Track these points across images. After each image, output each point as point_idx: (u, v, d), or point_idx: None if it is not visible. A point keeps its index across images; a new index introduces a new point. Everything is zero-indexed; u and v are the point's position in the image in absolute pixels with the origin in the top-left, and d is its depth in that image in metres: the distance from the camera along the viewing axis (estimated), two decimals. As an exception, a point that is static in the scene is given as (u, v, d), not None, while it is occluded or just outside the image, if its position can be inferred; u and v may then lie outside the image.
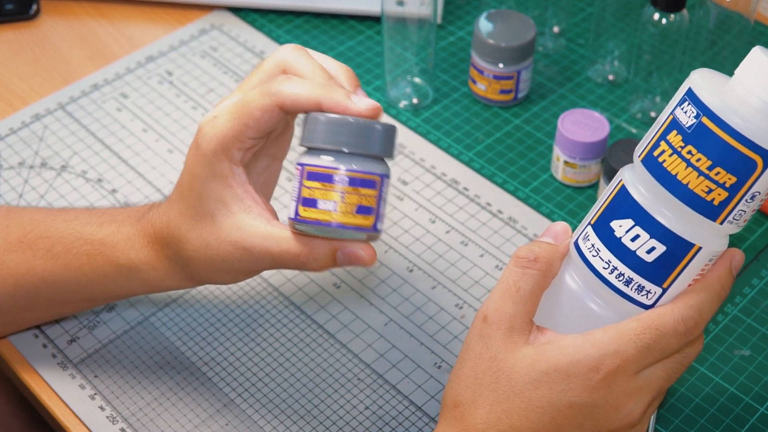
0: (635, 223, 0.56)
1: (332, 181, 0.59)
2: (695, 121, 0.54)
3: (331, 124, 0.59)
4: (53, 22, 1.05)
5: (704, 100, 0.54)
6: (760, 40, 1.03)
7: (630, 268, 0.57)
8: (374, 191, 0.60)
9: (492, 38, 0.92)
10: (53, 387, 0.74)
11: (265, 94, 0.62)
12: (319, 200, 0.59)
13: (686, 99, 0.55)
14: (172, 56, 1.01)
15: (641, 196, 0.56)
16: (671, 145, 0.55)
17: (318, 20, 1.05)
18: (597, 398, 0.56)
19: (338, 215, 0.59)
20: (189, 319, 0.78)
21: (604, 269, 0.58)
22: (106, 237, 0.69)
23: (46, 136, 0.93)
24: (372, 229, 0.61)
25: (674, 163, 0.55)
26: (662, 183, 0.55)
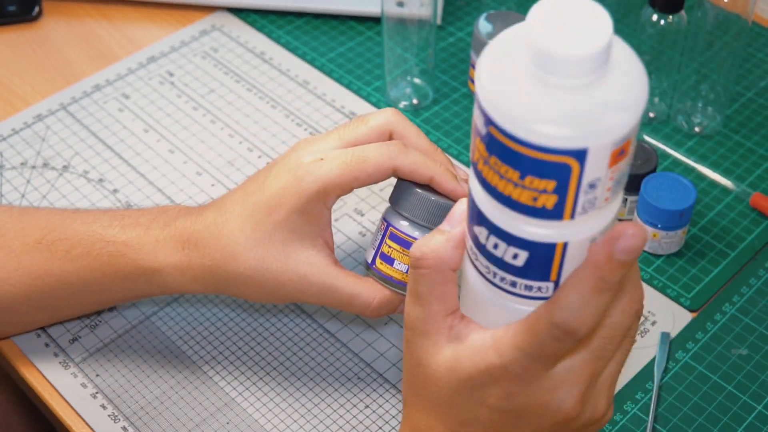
0: (489, 232, 0.49)
1: (410, 248, 0.64)
2: (486, 129, 0.45)
3: (422, 200, 0.67)
4: (55, 23, 1.05)
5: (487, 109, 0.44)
6: (758, 41, 1.03)
7: (508, 273, 0.50)
8: None
9: (491, 39, 0.92)
10: (55, 386, 0.74)
11: (383, 155, 0.66)
12: (396, 260, 0.68)
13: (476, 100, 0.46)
14: (173, 57, 1.01)
15: (483, 204, 0.49)
16: (481, 154, 0.46)
17: (318, 21, 1.06)
18: (517, 403, 0.53)
19: (407, 277, 0.66)
20: (190, 318, 0.79)
21: (487, 273, 0.51)
22: (131, 239, 0.70)
23: (47, 136, 0.93)
24: None
25: (490, 174, 0.47)
26: (492, 195, 0.47)
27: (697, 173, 0.90)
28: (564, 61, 0.43)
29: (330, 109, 0.96)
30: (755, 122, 0.95)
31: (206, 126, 0.94)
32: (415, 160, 0.66)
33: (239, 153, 0.92)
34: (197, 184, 0.89)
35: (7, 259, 0.71)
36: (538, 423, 0.54)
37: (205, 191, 0.88)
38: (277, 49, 1.02)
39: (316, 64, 1.01)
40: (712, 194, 0.89)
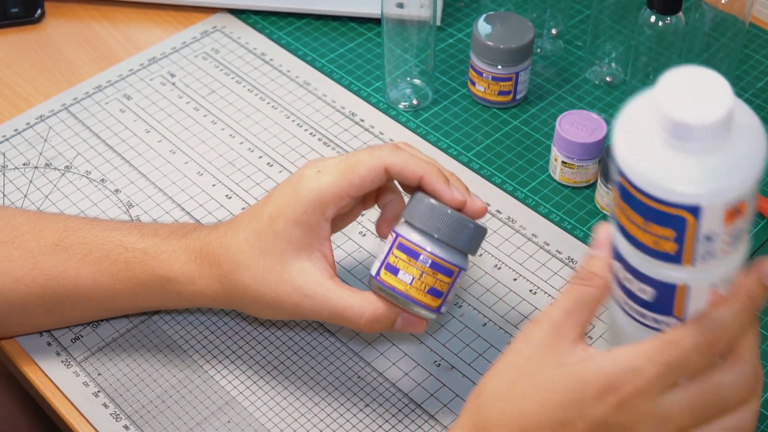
0: (622, 266, 0.55)
1: (417, 258, 0.66)
2: (617, 179, 0.52)
3: (431, 209, 0.66)
4: (57, 24, 1.06)
5: (618, 161, 0.51)
6: (755, 42, 1.04)
7: (637, 305, 0.56)
8: (449, 279, 0.67)
9: (491, 40, 0.92)
10: (57, 384, 0.75)
11: (374, 156, 0.67)
12: (400, 270, 0.66)
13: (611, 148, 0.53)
14: (174, 58, 1.02)
15: (618, 242, 0.54)
16: (617, 201, 0.53)
17: (318, 22, 1.06)
18: (610, 416, 0.53)
19: (412, 289, 0.66)
20: (191, 317, 0.79)
21: (624, 304, 0.57)
22: (149, 247, 0.71)
23: (50, 137, 0.93)
24: (436, 311, 0.67)
25: (621, 217, 0.53)
26: (623, 235, 0.53)
27: (695, 173, 0.91)
28: (686, 129, 0.49)
29: (330, 110, 0.96)
30: (753, 123, 0.95)
31: (207, 126, 0.95)
32: (405, 159, 0.67)
33: (240, 153, 0.92)
34: (198, 185, 0.89)
35: (24, 260, 0.72)
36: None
37: (205, 191, 0.89)
38: (278, 50, 1.03)
39: (316, 65, 1.01)
40: (709, 194, 0.89)
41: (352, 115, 0.96)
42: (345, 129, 0.94)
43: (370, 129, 0.94)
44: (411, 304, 0.67)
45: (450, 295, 0.68)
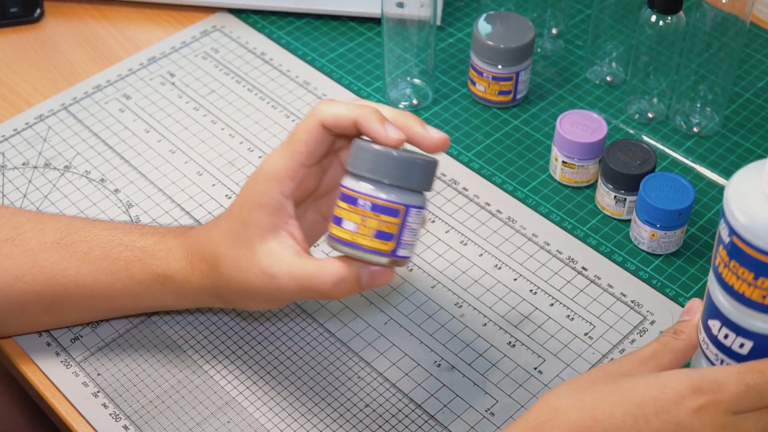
0: (722, 324, 0.60)
1: (356, 204, 0.63)
2: (729, 239, 0.57)
3: (365, 152, 0.63)
4: (57, 24, 1.05)
5: (731, 221, 0.57)
6: (756, 42, 1.04)
7: (732, 359, 0.61)
8: (396, 219, 0.63)
9: (491, 40, 0.92)
10: (57, 385, 0.75)
11: (308, 116, 0.66)
12: (344, 220, 0.64)
13: (722, 215, 0.59)
14: (173, 58, 1.02)
15: (719, 301, 0.60)
16: (722, 259, 0.59)
17: (318, 22, 1.06)
18: (684, 419, 0.56)
19: (358, 236, 0.63)
20: (191, 317, 0.79)
21: (715, 359, 0.62)
22: (147, 245, 0.71)
23: (49, 136, 0.93)
24: (391, 255, 0.64)
25: (728, 275, 0.58)
26: (728, 293, 0.59)
27: (696, 173, 0.91)
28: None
29: (330, 110, 0.96)
30: (753, 122, 0.95)
31: (207, 126, 0.95)
32: (337, 108, 0.65)
33: (240, 153, 0.92)
34: (198, 184, 0.89)
35: (24, 257, 0.72)
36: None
37: (205, 191, 0.89)
38: (278, 49, 1.03)
39: (316, 64, 1.01)
40: (710, 194, 0.89)
41: (352, 114, 0.96)
42: (345, 129, 0.94)
43: (370, 129, 0.94)
44: (361, 252, 0.64)
45: (406, 236, 0.64)
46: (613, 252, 0.84)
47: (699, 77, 0.91)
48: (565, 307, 0.80)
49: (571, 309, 0.80)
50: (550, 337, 0.78)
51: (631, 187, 0.84)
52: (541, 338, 0.78)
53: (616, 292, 0.81)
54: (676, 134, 0.94)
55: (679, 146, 0.93)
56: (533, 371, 0.76)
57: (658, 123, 0.95)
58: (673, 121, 0.95)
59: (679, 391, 0.56)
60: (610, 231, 0.86)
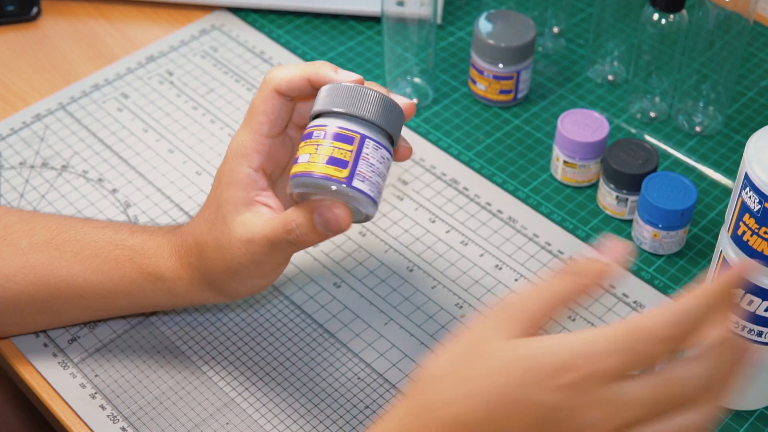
0: (745, 291, 0.63)
1: (311, 136, 0.63)
2: (760, 206, 0.59)
3: (325, 90, 0.63)
4: (54, 22, 1.05)
5: (762, 189, 0.58)
6: (759, 41, 1.03)
7: (757, 324, 0.65)
8: (350, 146, 0.62)
9: (492, 38, 0.92)
10: (54, 386, 0.74)
11: (261, 86, 0.66)
12: (300, 156, 0.63)
13: (747, 185, 0.60)
14: (172, 56, 1.01)
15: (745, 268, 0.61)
16: (749, 227, 0.61)
17: (318, 21, 1.06)
18: (558, 400, 0.50)
19: (310, 165, 0.62)
20: (189, 318, 0.78)
21: (735, 327, 0.65)
22: (137, 244, 0.71)
23: (46, 136, 0.93)
24: (345, 182, 0.61)
25: (757, 242, 0.60)
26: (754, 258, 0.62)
27: (698, 173, 0.90)
28: None
29: (330, 109, 0.96)
30: (756, 122, 0.95)
31: (206, 125, 0.94)
32: (288, 71, 0.66)
33: (239, 153, 0.92)
34: (196, 184, 0.89)
35: (14, 257, 0.71)
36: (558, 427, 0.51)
37: (204, 191, 0.88)
38: (277, 48, 1.02)
39: (315, 63, 1.01)
40: (713, 194, 0.88)
41: (351, 114, 0.95)
42: (345, 128, 0.94)
43: (370, 128, 0.94)
44: (313, 179, 0.61)
45: (362, 167, 0.62)
46: (615, 252, 0.84)
47: (701, 76, 0.91)
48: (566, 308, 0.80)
49: (572, 309, 0.80)
50: (551, 338, 0.78)
51: (632, 187, 0.83)
52: (543, 339, 0.78)
53: (618, 293, 0.81)
54: (679, 133, 0.94)
55: (681, 146, 0.93)
56: (535, 372, 0.75)
57: (660, 122, 0.95)
58: (675, 121, 0.94)
59: (553, 367, 0.50)
60: (612, 231, 0.85)
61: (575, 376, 0.50)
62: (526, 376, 0.51)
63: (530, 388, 0.51)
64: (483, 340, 0.53)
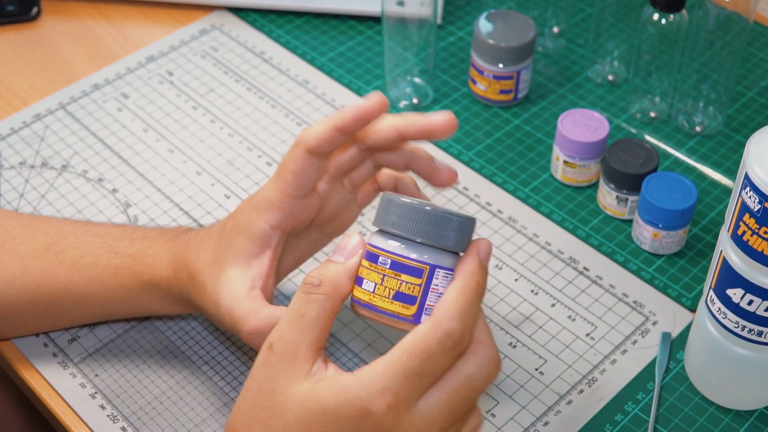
0: (745, 291, 0.64)
1: (377, 261, 0.57)
2: (760, 206, 0.59)
3: (390, 204, 0.57)
4: (54, 22, 1.05)
5: (762, 189, 0.59)
6: (759, 40, 1.03)
7: (757, 324, 0.65)
8: (418, 280, 0.56)
9: (492, 38, 0.92)
10: (54, 386, 0.74)
11: (292, 146, 0.64)
12: (364, 279, 0.57)
13: (747, 185, 0.60)
14: (172, 56, 1.01)
15: (741, 269, 0.63)
16: (749, 227, 0.61)
17: (318, 20, 1.06)
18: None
19: (376, 297, 0.57)
20: (189, 318, 0.78)
21: (735, 327, 0.66)
22: (136, 252, 0.70)
23: (46, 135, 0.93)
24: (412, 320, 0.57)
25: (757, 242, 0.61)
26: (754, 258, 0.62)
27: (698, 173, 0.90)
28: None
29: (330, 109, 0.96)
30: (756, 122, 0.95)
31: (206, 125, 0.94)
32: (312, 129, 0.63)
33: (239, 152, 0.92)
34: (196, 184, 0.89)
35: (13, 264, 0.71)
36: None
37: (204, 191, 0.88)
38: (277, 48, 1.02)
39: (316, 63, 1.01)
40: (713, 194, 0.88)
41: (351, 113, 0.95)
42: (345, 128, 0.94)
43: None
44: (381, 316, 0.57)
45: (431, 301, 0.57)
46: (614, 252, 0.84)
47: (701, 76, 0.91)
48: (567, 308, 0.80)
49: (572, 309, 0.79)
50: (551, 337, 0.78)
51: (633, 187, 0.83)
52: (543, 339, 0.78)
53: (618, 293, 0.81)
54: (679, 133, 0.94)
55: (681, 145, 0.92)
56: (534, 372, 0.75)
57: (660, 122, 0.95)
58: (675, 121, 0.94)
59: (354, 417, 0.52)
60: (612, 231, 0.85)
61: (375, 418, 0.52)
62: (331, 425, 0.53)
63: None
64: (277, 392, 0.54)
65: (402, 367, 0.53)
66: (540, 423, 0.72)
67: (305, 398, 0.53)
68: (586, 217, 0.87)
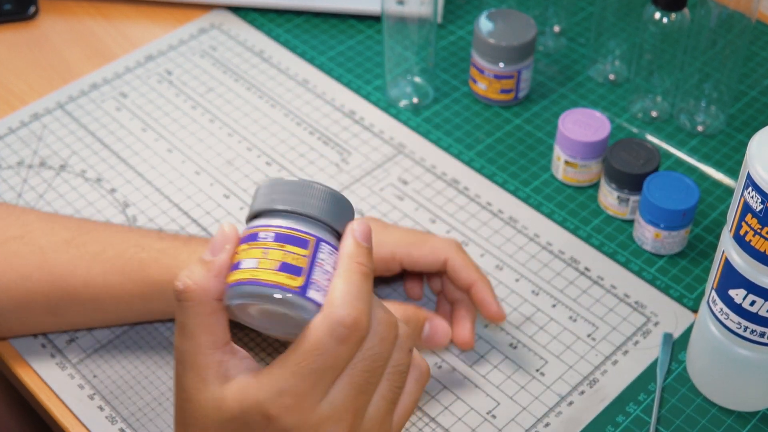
0: (748, 291, 0.64)
1: (257, 238, 0.53)
2: (762, 206, 0.59)
3: (265, 186, 0.55)
4: (52, 21, 1.04)
5: (764, 188, 0.58)
6: (762, 39, 1.03)
7: (759, 325, 0.65)
8: (306, 251, 0.53)
9: (492, 37, 0.91)
10: (52, 387, 0.74)
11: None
12: (242, 261, 0.53)
13: (749, 185, 0.60)
14: (171, 55, 1.01)
15: (744, 269, 0.63)
16: (751, 227, 0.61)
17: (318, 20, 1.05)
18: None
19: (258, 272, 0.52)
20: (188, 319, 0.78)
21: (737, 328, 0.66)
22: (167, 248, 0.68)
23: (44, 135, 0.92)
24: (300, 293, 0.52)
25: (759, 242, 0.61)
26: (756, 259, 0.62)
27: (700, 173, 0.90)
28: None
29: (329, 108, 0.95)
30: (759, 121, 0.94)
31: (205, 125, 0.94)
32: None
33: (238, 152, 0.91)
34: (196, 184, 0.88)
35: (33, 256, 0.69)
36: None
37: (203, 191, 0.88)
38: (276, 47, 1.02)
39: (315, 62, 1.00)
40: (715, 194, 0.88)
41: (351, 113, 0.95)
42: (344, 127, 0.93)
43: (370, 127, 0.93)
44: (263, 290, 0.52)
45: (317, 276, 0.53)
46: (616, 252, 0.83)
47: (703, 75, 0.90)
48: (568, 308, 0.79)
49: (573, 310, 0.79)
50: (552, 338, 0.77)
51: (634, 187, 0.83)
52: (544, 340, 0.77)
53: (620, 293, 0.80)
54: (680, 133, 0.93)
55: (683, 145, 0.92)
56: (535, 373, 0.75)
57: (661, 122, 0.94)
58: (677, 120, 0.94)
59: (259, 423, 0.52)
60: (613, 231, 0.85)
61: (278, 422, 0.51)
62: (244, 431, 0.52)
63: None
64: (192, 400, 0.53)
65: (296, 367, 0.51)
66: (541, 424, 0.72)
67: (215, 407, 0.53)
68: (587, 217, 0.86)
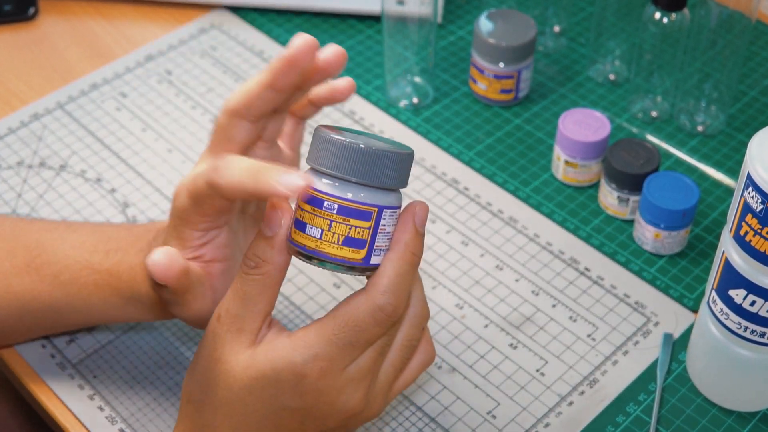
0: (748, 292, 0.64)
1: (322, 206, 0.55)
2: (762, 206, 0.59)
3: (328, 144, 0.55)
4: (52, 21, 1.04)
5: (764, 189, 0.59)
6: (762, 39, 1.03)
7: (759, 325, 0.65)
8: (368, 223, 0.55)
9: (492, 37, 0.91)
10: (52, 387, 0.74)
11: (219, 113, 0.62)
12: (307, 225, 0.55)
13: (749, 185, 0.60)
14: (171, 55, 1.01)
15: (744, 270, 0.63)
16: (751, 227, 0.61)
17: (318, 19, 1.05)
18: (308, 401, 0.57)
19: (323, 244, 0.55)
20: (188, 319, 0.78)
21: (737, 328, 0.66)
22: (112, 267, 0.68)
23: (44, 135, 0.92)
24: (362, 264, 0.56)
25: (759, 242, 0.61)
26: (756, 259, 0.62)
27: (700, 173, 0.90)
28: None
29: (329, 108, 0.95)
30: (759, 121, 0.94)
31: (205, 125, 0.94)
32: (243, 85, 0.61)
33: (238, 152, 0.91)
34: (195, 184, 0.88)
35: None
36: (322, 421, 0.58)
37: (203, 191, 0.88)
38: (276, 47, 1.02)
39: (315, 62, 1.00)
40: (715, 194, 0.88)
41: (351, 113, 0.95)
42: (344, 127, 0.93)
43: (370, 127, 0.93)
44: (328, 264, 0.56)
45: (379, 242, 0.56)
46: (616, 252, 0.83)
47: (703, 75, 0.90)
48: (568, 309, 0.79)
49: (573, 310, 0.79)
50: (552, 338, 0.77)
51: (634, 187, 0.83)
52: (544, 340, 0.77)
53: (620, 293, 0.80)
54: (680, 133, 0.93)
55: (683, 145, 0.92)
56: (535, 373, 0.75)
57: (661, 122, 0.94)
58: (677, 120, 0.94)
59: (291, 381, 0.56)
60: (613, 231, 0.85)
61: (309, 381, 0.56)
62: (274, 392, 0.57)
63: (281, 398, 0.57)
64: (223, 360, 0.57)
65: (334, 337, 0.56)
66: (541, 424, 0.72)
67: (246, 365, 0.57)
68: (587, 217, 0.86)
